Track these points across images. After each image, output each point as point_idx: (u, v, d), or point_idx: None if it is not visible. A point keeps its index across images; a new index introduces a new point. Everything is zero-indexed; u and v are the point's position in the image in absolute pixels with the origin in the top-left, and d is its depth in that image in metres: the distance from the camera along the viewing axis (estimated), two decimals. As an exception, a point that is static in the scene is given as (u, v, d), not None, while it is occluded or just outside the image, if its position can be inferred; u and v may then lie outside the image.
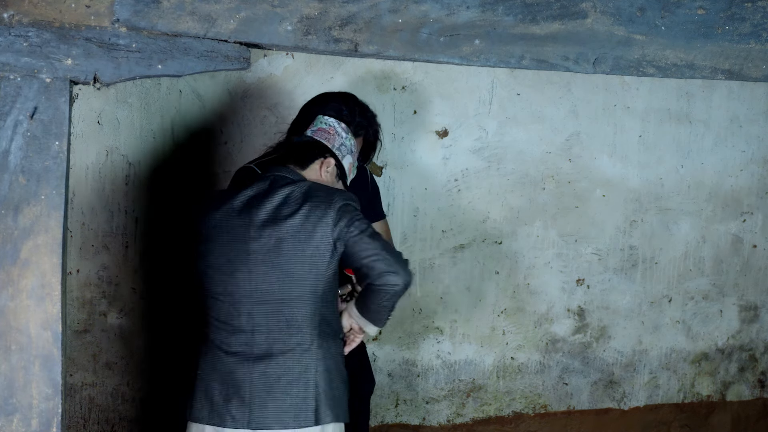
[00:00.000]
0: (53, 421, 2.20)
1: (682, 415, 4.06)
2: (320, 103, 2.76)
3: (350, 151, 2.58)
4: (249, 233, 2.36)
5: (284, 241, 2.33)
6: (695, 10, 2.65)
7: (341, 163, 2.52)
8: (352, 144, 2.59)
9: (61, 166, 2.20)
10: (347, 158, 2.56)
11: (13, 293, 2.17)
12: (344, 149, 2.56)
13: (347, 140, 2.57)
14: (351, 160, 2.57)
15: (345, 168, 2.54)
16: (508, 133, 3.61)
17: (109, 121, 3.18)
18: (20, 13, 2.15)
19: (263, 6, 2.32)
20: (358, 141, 2.75)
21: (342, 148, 2.55)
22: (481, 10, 2.49)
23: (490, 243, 3.67)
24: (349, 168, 2.57)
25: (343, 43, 2.41)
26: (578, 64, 2.64)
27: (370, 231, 2.36)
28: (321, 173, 2.48)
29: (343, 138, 2.56)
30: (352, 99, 2.78)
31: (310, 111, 2.77)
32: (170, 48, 2.29)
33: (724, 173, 3.91)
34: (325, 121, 2.56)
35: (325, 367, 2.39)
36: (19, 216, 2.17)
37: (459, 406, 3.74)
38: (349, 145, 2.57)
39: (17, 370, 2.18)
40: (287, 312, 2.36)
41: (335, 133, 2.55)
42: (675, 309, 3.95)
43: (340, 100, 2.75)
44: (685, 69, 2.72)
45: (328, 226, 2.34)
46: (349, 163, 2.56)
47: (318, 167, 2.49)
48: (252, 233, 2.35)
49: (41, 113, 2.18)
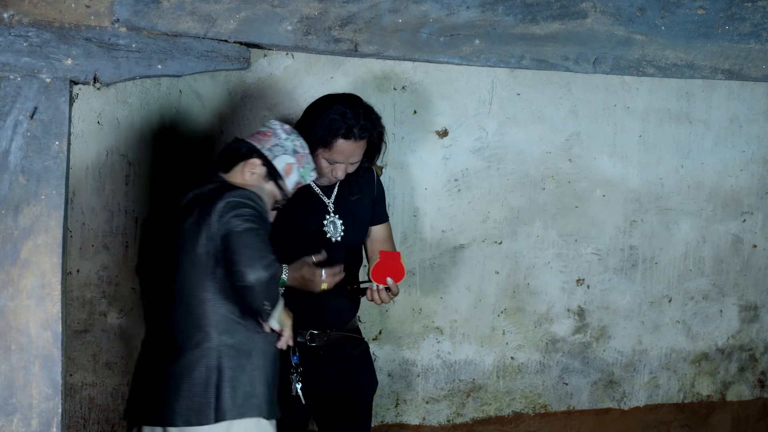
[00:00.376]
0: (53, 421, 2.20)
1: (682, 415, 4.05)
2: (324, 105, 2.76)
3: (290, 151, 2.58)
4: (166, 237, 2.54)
5: (183, 241, 2.46)
6: (695, 10, 2.65)
7: (271, 163, 2.55)
8: (297, 145, 2.59)
9: (61, 166, 2.20)
10: (282, 158, 2.56)
11: (13, 293, 2.17)
12: (278, 149, 2.57)
13: (287, 141, 2.58)
14: (290, 160, 2.56)
15: (279, 168, 2.56)
16: (508, 133, 3.61)
17: (109, 121, 3.18)
18: (20, 13, 2.15)
19: (263, 6, 2.32)
20: (361, 143, 2.74)
21: (275, 149, 2.57)
22: (481, 10, 2.49)
23: (490, 243, 3.67)
24: (287, 168, 2.57)
25: (343, 43, 2.41)
26: (578, 64, 2.64)
27: (244, 227, 2.39)
28: (244, 175, 2.54)
29: (281, 139, 2.58)
30: (357, 101, 2.76)
31: (313, 113, 2.77)
32: (170, 48, 2.29)
33: (724, 173, 3.91)
34: (268, 124, 2.61)
35: (233, 364, 2.46)
36: (19, 216, 2.17)
37: (459, 406, 3.74)
38: (288, 146, 2.58)
39: (17, 370, 2.18)
40: (193, 310, 2.46)
41: (272, 135, 2.59)
42: (675, 309, 3.95)
43: (344, 102, 2.74)
44: (685, 69, 2.72)
45: (212, 225, 2.41)
46: (285, 163, 2.56)
47: (240, 169, 2.55)
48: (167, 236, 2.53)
49: (41, 113, 2.18)
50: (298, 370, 2.83)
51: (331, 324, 2.92)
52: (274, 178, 2.57)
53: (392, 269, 2.80)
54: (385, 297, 2.83)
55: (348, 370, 2.98)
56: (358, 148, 2.74)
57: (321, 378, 2.92)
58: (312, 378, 2.88)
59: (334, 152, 2.72)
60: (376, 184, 3.02)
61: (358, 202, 2.94)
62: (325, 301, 2.89)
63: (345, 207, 2.90)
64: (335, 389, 2.96)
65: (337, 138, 2.69)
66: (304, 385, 2.85)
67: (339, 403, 2.99)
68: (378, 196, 3.03)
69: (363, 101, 2.78)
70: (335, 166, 2.76)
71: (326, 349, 2.91)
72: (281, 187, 2.58)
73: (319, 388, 2.92)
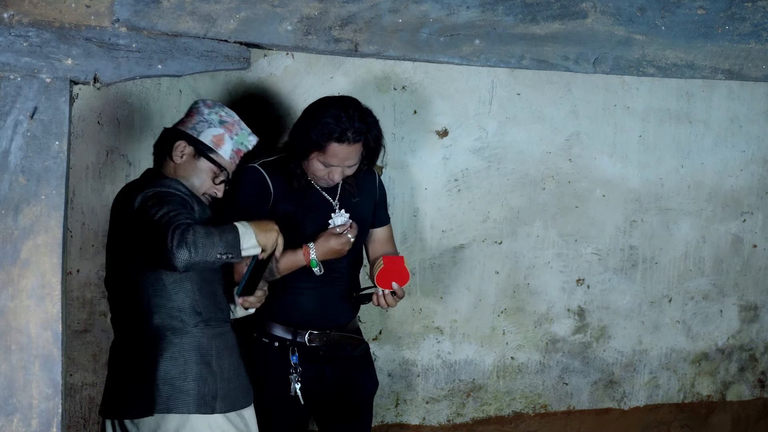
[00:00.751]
0: (53, 421, 2.20)
1: (682, 415, 4.06)
2: (319, 108, 2.75)
3: (215, 123, 2.56)
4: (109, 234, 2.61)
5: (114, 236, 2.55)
6: (695, 9, 2.65)
7: (197, 140, 2.54)
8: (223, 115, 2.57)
9: (61, 166, 2.19)
10: (208, 132, 2.55)
11: (13, 293, 2.17)
12: (202, 125, 2.56)
13: (210, 114, 2.57)
14: (218, 131, 2.55)
15: (206, 142, 2.55)
16: (508, 133, 3.61)
17: (109, 121, 3.18)
18: (20, 13, 2.15)
19: (263, 6, 2.32)
20: (356, 147, 2.73)
21: (199, 125, 2.56)
22: (481, 10, 2.49)
23: (490, 243, 3.67)
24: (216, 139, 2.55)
25: (343, 43, 2.41)
26: (578, 64, 2.64)
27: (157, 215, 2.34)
28: (175, 160, 2.56)
29: (204, 114, 2.58)
30: (353, 104, 2.75)
31: (308, 116, 2.76)
32: (170, 48, 2.29)
33: (724, 173, 3.91)
34: (192, 105, 2.62)
35: (167, 357, 2.47)
36: (19, 216, 2.17)
37: (459, 406, 3.74)
38: (213, 119, 2.57)
39: (17, 370, 2.17)
40: (130, 302, 2.51)
41: (195, 113, 2.59)
42: (675, 309, 3.95)
43: (340, 105, 2.73)
44: (685, 69, 2.72)
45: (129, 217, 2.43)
46: (212, 136, 2.55)
47: (170, 156, 2.57)
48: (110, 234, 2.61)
49: (41, 113, 2.18)
50: (297, 370, 2.84)
51: (331, 324, 2.92)
52: (204, 154, 2.56)
53: (396, 273, 2.81)
54: (391, 301, 2.84)
55: (348, 371, 2.97)
56: (352, 152, 2.73)
57: (321, 378, 2.92)
58: (312, 378, 2.89)
59: (329, 156, 2.71)
60: (378, 187, 3.02)
61: (360, 203, 2.94)
62: (325, 301, 2.90)
63: (347, 207, 2.90)
64: (335, 389, 2.96)
65: (331, 142, 2.68)
66: (304, 386, 2.85)
67: (339, 404, 2.99)
68: (380, 199, 3.03)
69: (360, 104, 2.76)
70: (331, 170, 2.75)
71: (326, 350, 2.91)
72: (214, 160, 2.56)
73: (318, 388, 2.92)
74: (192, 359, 2.49)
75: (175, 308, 2.50)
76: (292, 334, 2.86)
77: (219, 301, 2.59)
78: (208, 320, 2.53)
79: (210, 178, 2.57)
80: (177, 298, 2.50)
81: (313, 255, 2.78)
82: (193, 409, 2.47)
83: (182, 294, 2.50)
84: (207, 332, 2.53)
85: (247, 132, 2.61)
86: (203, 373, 2.49)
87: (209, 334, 2.53)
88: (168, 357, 2.48)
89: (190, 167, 2.56)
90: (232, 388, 2.54)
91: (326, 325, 2.90)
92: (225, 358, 2.55)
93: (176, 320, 2.50)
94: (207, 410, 2.48)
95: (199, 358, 2.50)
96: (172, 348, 2.49)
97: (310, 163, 2.76)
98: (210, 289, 2.56)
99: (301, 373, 2.84)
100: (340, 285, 2.93)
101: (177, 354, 2.49)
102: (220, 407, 2.50)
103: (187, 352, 2.50)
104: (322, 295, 2.89)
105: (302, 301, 2.87)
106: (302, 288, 2.86)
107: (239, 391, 2.57)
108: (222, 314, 2.60)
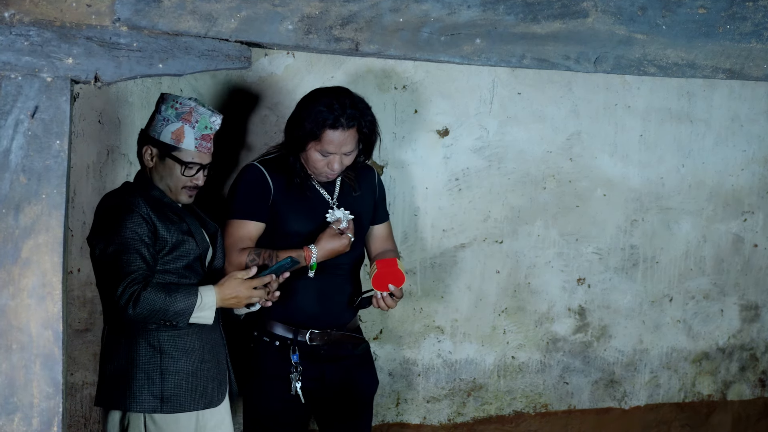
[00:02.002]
0: (54, 420, 2.20)
1: (683, 415, 4.05)
2: (312, 99, 2.78)
3: (172, 118, 2.56)
4: None
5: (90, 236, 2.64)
6: (696, 9, 2.65)
7: (159, 141, 2.56)
8: (177, 107, 2.56)
9: (62, 165, 2.20)
10: (167, 129, 2.56)
11: (14, 292, 2.17)
12: (160, 124, 2.57)
13: (166, 111, 2.57)
14: (176, 126, 2.55)
15: (167, 141, 2.55)
16: (508, 133, 3.61)
17: (110, 121, 3.18)
18: (21, 12, 2.15)
19: (264, 5, 2.32)
20: (350, 132, 2.75)
21: (158, 125, 2.58)
22: (482, 9, 2.49)
23: (490, 242, 3.67)
24: (176, 135, 2.55)
25: (344, 43, 2.41)
26: (579, 64, 2.64)
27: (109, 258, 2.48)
28: (146, 164, 2.61)
29: (161, 112, 2.58)
30: (344, 92, 2.78)
31: (301, 108, 2.79)
32: (171, 47, 2.29)
33: (725, 172, 3.91)
34: (157, 108, 2.62)
35: (122, 352, 2.54)
36: (20, 215, 2.17)
37: (460, 406, 3.74)
38: (169, 114, 2.57)
39: (18, 369, 2.18)
40: (102, 296, 2.60)
41: (156, 113, 2.60)
42: (676, 308, 3.95)
43: (331, 94, 2.76)
44: (686, 68, 2.72)
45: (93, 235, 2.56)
46: (171, 132, 2.55)
47: (144, 164, 2.62)
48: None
49: (42, 112, 2.18)
50: (297, 369, 2.84)
51: (332, 323, 2.92)
52: (167, 153, 2.57)
53: (392, 275, 2.83)
54: (390, 303, 2.87)
55: (349, 370, 2.97)
56: (348, 138, 2.75)
57: (321, 377, 2.91)
58: (312, 377, 2.88)
59: (324, 143, 2.73)
60: (377, 184, 3.03)
61: (360, 198, 2.94)
62: (326, 300, 2.90)
63: (347, 204, 2.91)
64: (336, 389, 2.96)
65: (325, 129, 2.72)
66: (305, 385, 2.85)
67: (340, 403, 2.99)
68: (380, 196, 3.04)
69: (351, 92, 2.80)
70: (330, 159, 2.77)
71: (327, 349, 2.91)
72: (177, 157, 2.56)
73: (319, 387, 2.92)
74: (141, 358, 2.53)
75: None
76: (293, 333, 2.87)
77: None
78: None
79: (181, 174, 2.58)
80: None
81: (314, 258, 2.79)
82: (141, 407, 2.52)
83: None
84: (159, 333, 2.55)
85: (208, 114, 2.58)
86: (151, 373, 2.53)
87: (166, 335, 2.55)
88: (119, 354, 2.55)
89: (161, 168, 2.59)
90: (182, 389, 2.57)
91: (327, 324, 2.90)
92: (180, 359, 2.57)
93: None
94: (151, 409, 2.53)
95: (148, 357, 2.54)
96: (123, 345, 2.55)
97: (308, 155, 2.77)
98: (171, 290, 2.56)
99: (301, 372, 2.84)
100: (342, 284, 2.93)
101: (127, 351, 2.54)
102: (166, 408, 2.54)
103: (137, 350, 2.54)
104: (323, 294, 2.89)
105: (303, 300, 2.87)
106: (303, 287, 2.86)
107: (195, 394, 2.59)
108: None
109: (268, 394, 2.85)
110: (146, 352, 2.53)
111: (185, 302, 2.45)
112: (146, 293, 2.38)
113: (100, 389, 2.60)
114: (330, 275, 2.88)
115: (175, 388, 2.55)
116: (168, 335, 2.55)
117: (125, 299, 2.37)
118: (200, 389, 2.60)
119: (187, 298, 2.45)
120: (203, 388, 2.60)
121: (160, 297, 2.40)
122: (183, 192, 2.60)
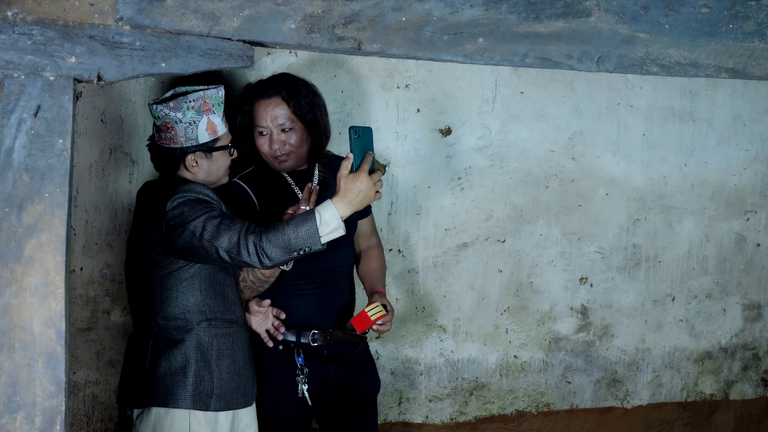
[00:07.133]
0: (57, 419, 2.20)
1: (685, 414, 4.05)
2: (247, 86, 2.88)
3: (196, 117, 2.57)
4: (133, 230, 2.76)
5: (136, 231, 2.72)
6: (699, 8, 2.64)
7: (199, 144, 2.58)
8: (190, 103, 2.56)
9: (64, 164, 2.19)
10: (199, 129, 2.58)
11: (16, 291, 2.17)
12: (190, 130, 2.58)
13: (186, 114, 2.57)
14: (204, 121, 2.57)
15: (204, 139, 2.58)
16: (511, 132, 3.61)
17: (113, 119, 3.18)
18: (24, 11, 2.15)
19: (267, 4, 2.32)
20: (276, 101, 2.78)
21: (188, 131, 2.58)
22: (485, 8, 2.48)
23: (493, 241, 3.66)
24: (209, 128, 2.58)
25: (346, 42, 2.41)
26: (582, 63, 2.63)
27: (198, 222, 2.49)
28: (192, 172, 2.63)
29: (180, 120, 2.57)
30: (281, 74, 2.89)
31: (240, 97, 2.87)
32: (174, 46, 2.29)
33: (728, 172, 3.91)
34: (156, 121, 2.61)
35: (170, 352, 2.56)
36: (22, 214, 2.17)
37: (462, 405, 3.74)
38: (190, 115, 2.57)
39: (21, 367, 2.18)
40: (143, 296, 2.64)
41: (171, 124, 2.58)
42: (678, 307, 3.95)
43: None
44: (689, 67, 2.71)
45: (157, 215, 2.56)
46: (204, 129, 2.58)
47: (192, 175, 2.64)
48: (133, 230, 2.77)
49: (45, 111, 2.18)
50: (303, 372, 2.84)
51: (332, 323, 2.93)
52: (212, 149, 2.62)
53: (367, 322, 2.82)
54: (382, 329, 2.86)
55: (351, 369, 2.98)
56: (276, 108, 2.78)
57: (326, 378, 2.92)
58: (318, 379, 2.89)
59: (256, 118, 2.79)
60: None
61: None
62: (325, 301, 2.91)
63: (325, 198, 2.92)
64: (340, 388, 2.96)
65: (252, 103, 2.78)
66: (311, 387, 2.86)
67: (345, 402, 3.00)
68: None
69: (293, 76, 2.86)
70: (270, 139, 2.79)
71: (330, 349, 2.91)
72: (221, 147, 2.63)
73: (324, 388, 2.92)
74: (192, 357, 2.57)
75: (180, 306, 2.57)
76: (297, 336, 2.87)
77: (228, 303, 2.65)
78: (212, 320, 2.60)
79: (228, 158, 2.67)
80: (183, 296, 2.57)
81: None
82: (189, 404, 2.55)
83: (189, 293, 2.57)
84: (209, 332, 2.59)
85: (213, 92, 2.61)
86: (201, 371, 2.57)
87: (212, 333, 2.60)
88: (170, 353, 2.56)
89: (208, 167, 2.64)
90: (229, 388, 2.61)
91: (328, 324, 2.91)
92: (225, 359, 2.61)
93: (180, 318, 2.57)
94: (201, 407, 2.56)
95: (199, 356, 2.57)
96: (175, 344, 2.57)
97: (256, 142, 2.81)
98: (219, 291, 2.63)
99: (307, 374, 2.85)
100: (338, 283, 2.95)
101: (178, 350, 2.56)
102: (215, 405, 2.58)
103: (189, 349, 2.57)
104: (322, 294, 2.91)
105: (303, 302, 2.88)
106: (302, 290, 2.88)
107: (238, 392, 2.64)
108: (229, 315, 2.65)
109: (275, 399, 2.86)
110: (196, 351, 2.57)
111: (305, 227, 2.38)
112: (263, 243, 2.37)
113: (134, 389, 2.62)
114: (327, 276, 2.90)
115: (224, 386, 2.60)
116: (214, 333, 2.60)
117: (254, 257, 2.38)
118: (242, 388, 2.66)
119: (304, 222, 2.39)
120: (244, 386, 2.67)
121: (276, 236, 2.38)
122: (225, 174, 2.70)
